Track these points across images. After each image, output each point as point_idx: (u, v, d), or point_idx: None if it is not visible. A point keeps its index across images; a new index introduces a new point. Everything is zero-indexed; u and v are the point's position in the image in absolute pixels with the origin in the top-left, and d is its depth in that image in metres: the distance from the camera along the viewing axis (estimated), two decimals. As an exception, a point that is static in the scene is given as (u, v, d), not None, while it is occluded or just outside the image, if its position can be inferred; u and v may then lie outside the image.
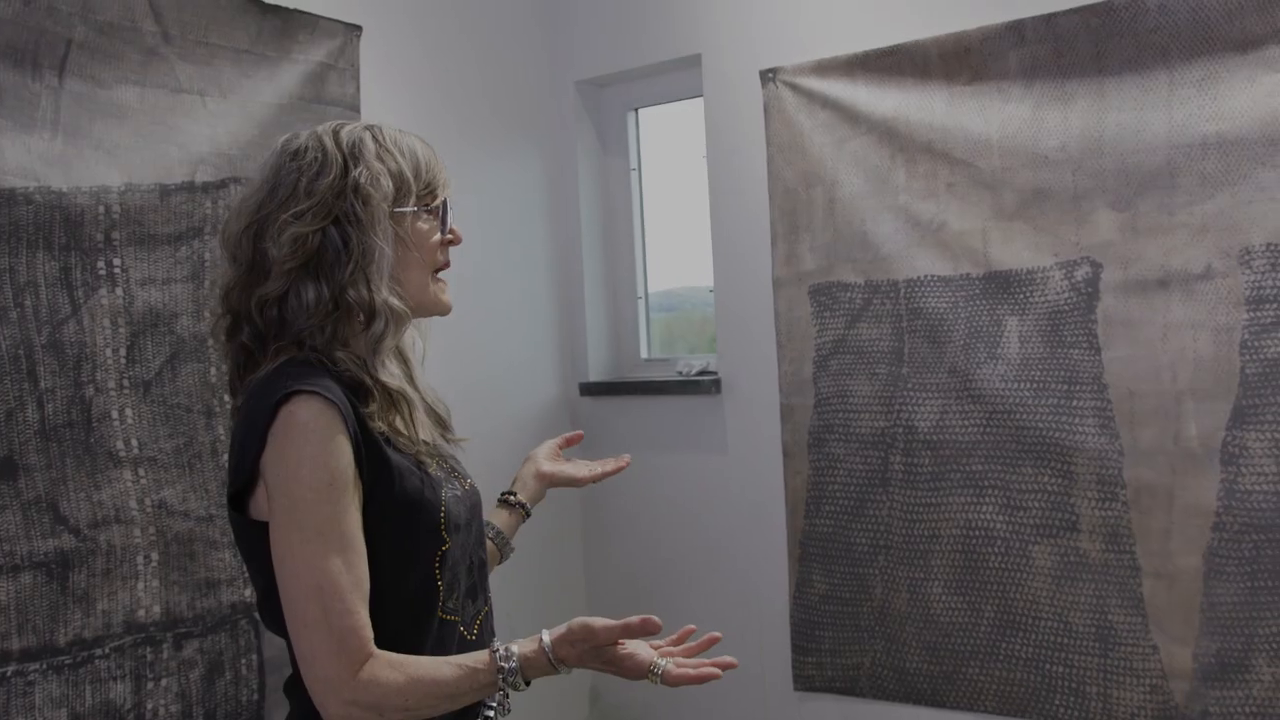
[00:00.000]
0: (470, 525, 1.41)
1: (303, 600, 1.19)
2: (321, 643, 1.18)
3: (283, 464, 1.20)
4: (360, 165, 1.30)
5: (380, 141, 1.33)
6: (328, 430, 1.21)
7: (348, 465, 1.22)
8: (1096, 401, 2.33)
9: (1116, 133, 2.29)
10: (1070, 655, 2.39)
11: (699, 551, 2.98)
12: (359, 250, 1.28)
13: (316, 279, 1.28)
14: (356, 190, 1.28)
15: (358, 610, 1.19)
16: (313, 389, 1.22)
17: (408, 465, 1.30)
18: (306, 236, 1.27)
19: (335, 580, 1.18)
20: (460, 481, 1.42)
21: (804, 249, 2.73)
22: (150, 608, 2.06)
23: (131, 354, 2.06)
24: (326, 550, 1.19)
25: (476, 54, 2.92)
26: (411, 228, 1.35)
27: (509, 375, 3.02)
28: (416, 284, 1.35)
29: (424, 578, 1.31)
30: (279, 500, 1.21)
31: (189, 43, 2.17)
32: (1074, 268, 2.35)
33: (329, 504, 1.19)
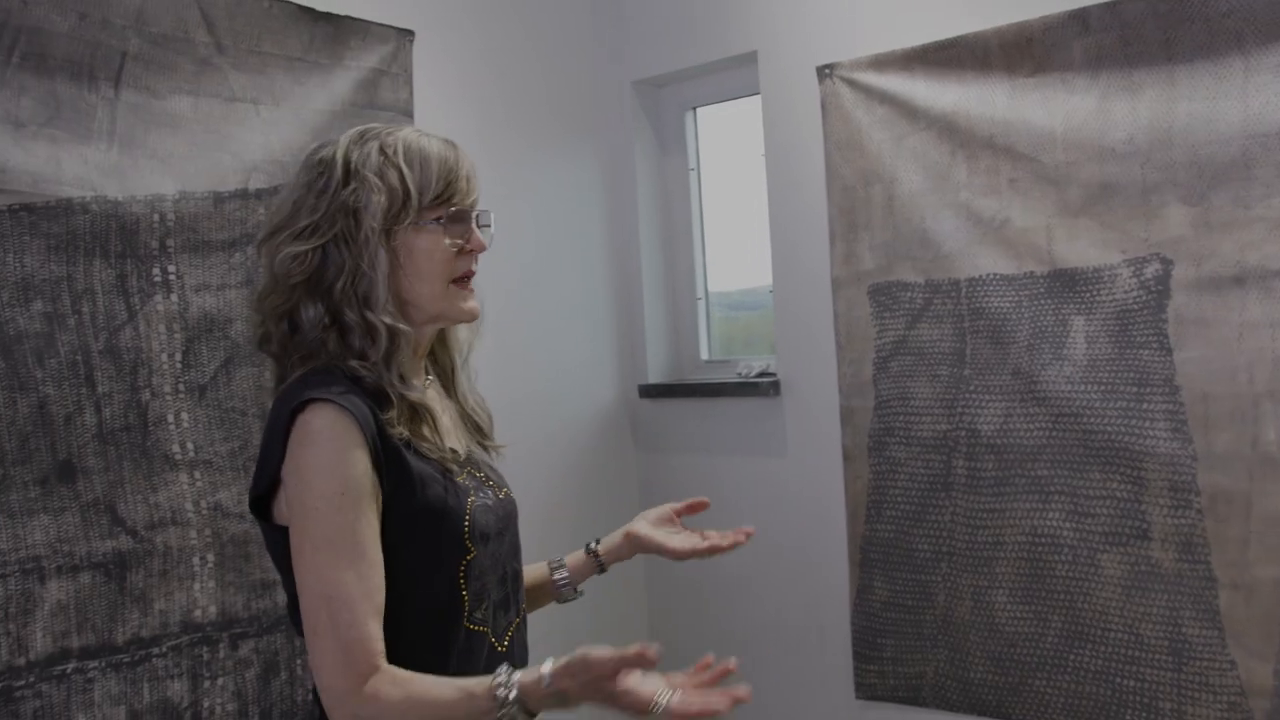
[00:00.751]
0: (503, 535, 1.39)
1: (313, 609, 1.19)
2: (329, 652, 1.18)
3: (297, 473, 1.21)
4: (354, 182, 1.28)
5: (387, 154, 1.30)
6: (341, 439, 1.20)
7: (363, 474, 1.21)
8: (1168, 404, 2.23)
9: (1188, 123, 2.19)
10: (1142, 669, 2.29)
11: (758, 556, 2.92)
12: (351, 270, 1.27)
13: (314, 298, 1.28)
14: (346, 209, 1.27)
15: (366, 622, 1.18)
16: (328, 398, 1.21)
17: (430, 473, 1.29)
18: (306, 255, 1.27)
19: (344, 590, 1.18)
20: (494, 490, 1.40)
21: (863, 248, 2.67)
22: (206, 608, 2.10)
23: (187, 359, 2.10)
24: (337, 560, 1.18)
25: (531, 56, 2.92)
26: (414, 242, 1.31)
27: (567, 377, 3.02)
28: (429, 295, 1.32)
29: (448, 587, 1.29)
30: (294, 508, 1.21)
31: (242, 52, 2.20)
32: (1143, 265, 2.26)
33: (340, 513, 1.19)
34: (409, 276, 1.31)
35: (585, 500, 3.03)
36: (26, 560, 1.87)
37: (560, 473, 2.98)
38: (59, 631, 1.90)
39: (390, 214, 1.28)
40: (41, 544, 1.89)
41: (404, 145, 1.31)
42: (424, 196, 1.30)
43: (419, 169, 1.30)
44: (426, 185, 1.30)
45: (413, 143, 1.32)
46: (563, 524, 2.91)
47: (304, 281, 1.28)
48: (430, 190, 1.30)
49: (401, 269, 1.30)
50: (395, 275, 1.30)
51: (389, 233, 1.29)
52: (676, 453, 3.10)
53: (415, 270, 1.31)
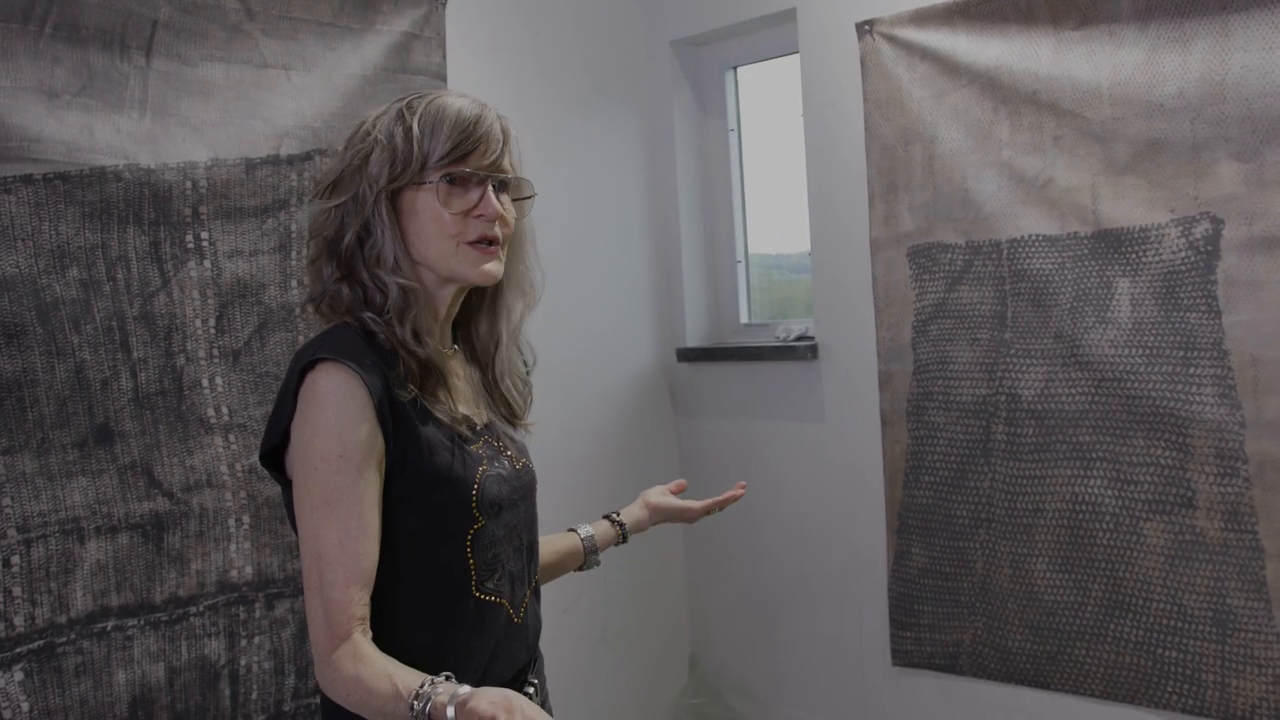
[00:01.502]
0: (518, 506, 1.38)
1: (306, 565, 1.21)
2: (316, 610, 1.20)
3: (300, 431, 1.22)
4: (364, 142, 1.30)
5: (404, 114, 1.30)
6: (346, 402, 1.21)
7: (365, 438, 1.22)
8: (1216, 369, 2.16)
9: (1241, 75, 2.10)
10: (1184, 640, 2.24)
11: (796, 521, 2.92)
12: (359, 228, 1.29)
13: (330, 256, 1.30)
14: (359, 170, 1.29)
15: (349, 585, 1.20)
16: (336, 358, 1.22)
17: (440, 439, 1.29)
18: (326, 214, 1.30)
19: (331, 551, 1.19)
20: (510, 461, 1.39)
21: (902, 209, 2.61)
22: (242, 569, 2.14)
23: (220, 324, 2.12)
24: (329, 520, 1.20)
25: (567, 16, 2.89)
26: (418, 202, 1.30)
27: (605, 341, 3.01)
28: (437, 255, 1.31)
29: (455, 555, 1.30)
30: (296, 465, 1.23)
31: (272, 18, 2.20)
32: (1192, 224, 2.18)
33: (339, 475, 1.20)
34: (415, 235, 1.30)
35: (623, 464, 3.03)
36: (66, 521, 1.91)
37: (598, 437, 2.98)
38: (98, 590, 1.95)
39: (393, 172, 1.28)
40: (80, 505, 1.93)
41: (426, 106, 1.31)
42: (430, 156, 1.29)
43: (430, 128, 1.29)
44: (435, 144, 1.29)
45: (437, 103, 1.31)
46: (601, 488, 2.93)
47: (326, 240, 1.31)
48: (439, 149, 1.29)
49: (408, 227, 1.30)
50: (404, 234, 1.30)
51: (396, 192, 1.29)
52: (714, 417, 3.08)
53: (420, 229, 1.30)
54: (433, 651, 1.28)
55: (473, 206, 1.31)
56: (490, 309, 1.44)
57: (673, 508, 1.75)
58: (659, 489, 1.78)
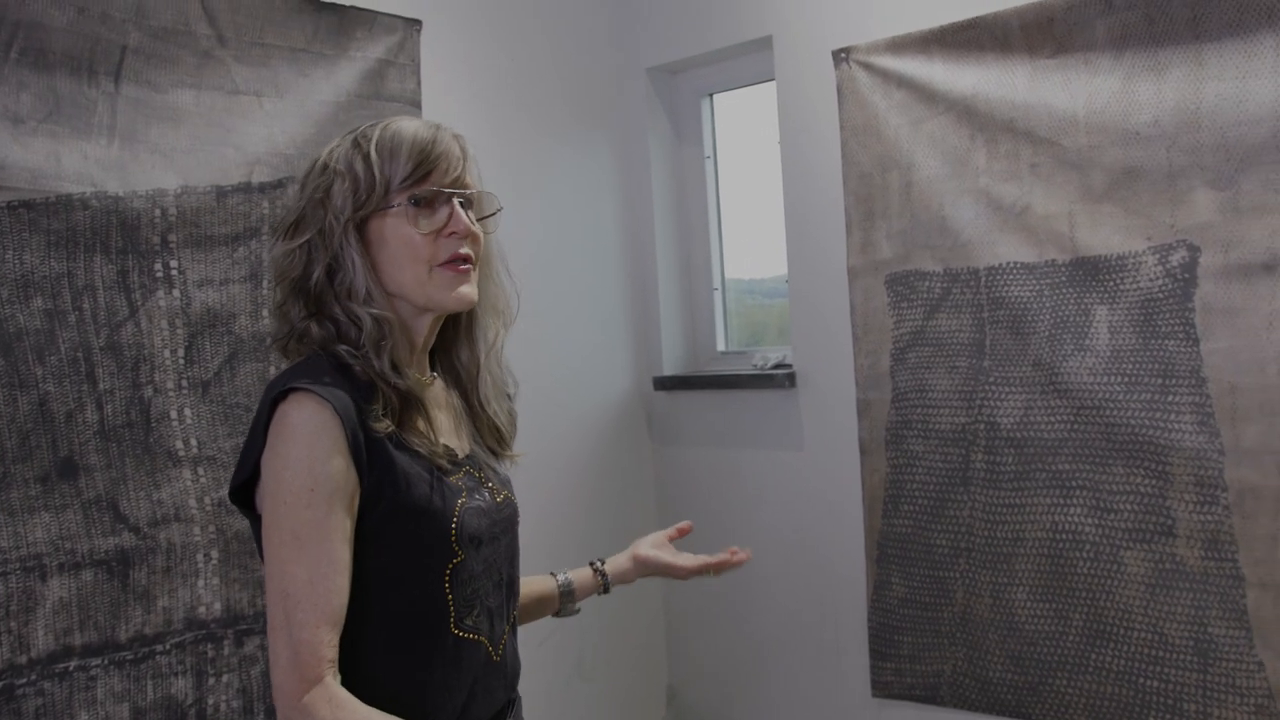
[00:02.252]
0: (498, 540, 1.35)
1: (272, 604, 1.17)
2: (281, 649, 1.15)
3: (271, 464, 1.19)
4: (323, 175, 1.28)
5: (360, 143, 1.28)
6: (317, 434, 1.17)
7: (337, 471, 1.18)
8: (1194, 396, 2.16)
9: (1216, 104, 2.10)
10: (1166, 669, 2.22)
11: (774, 551, 2.89)
12: (327, 263, 1.26)
13: (299, 295, 1.28)
14: (322, 204, 1.27)
15: (318, 626, 1.15)
16: (308, 388, 1.19)
17: (417, 471, 1.26)
18: (292, 253, 1.27)
19: (300, 589, 1.15)
20: (491, 493, 1.36)
21: (880, 236, 2.61)
22: (211, 605, 2.09)
23: (190, 354, 2.08)
24: (298, 557, 1.16)
25: (542, 43, 2.88)
26: (385, 228, 1.28)
27: (581, 369, 2.98)
28: (411, 281, 1.28)
29: (433, 590, 1.26)
30: (266, 500, 1.19)
31: (244, 44, 2.18)
32: (1169, 252, 2.18)
33: (309, 509, 1.16)
34: (387, 264, 1.28)
35: (600, 493, 3.00)
36: (28, 558, 1.86)
37: (574, 465, 2.95)
38: (61, 629, 1.89)
39: (357, 201, 1.26)
40: (43, 541, 1.88)
41: (381, 132, 1.29)
42: (393, 180, 1.27)
43: (388, 153, 1.27)
44: (395, 168, 1.27)
45: (391, 129, 1.29)
46: (577, 517, 2.89)
47: (294, 280, 1.28)
48: (400, 172, 1.27)
49: (379, 257, 1.28)
50: (375, 264, 1.28)
51: (362, 222, 1.27)
52: (691, 445, 3.06)
53: (391, 257, 1.28)
54: (409, 690, 1.24)
55: (442, 225, 1.28)
56: (468, 334, 1.42)
57: (662, 564, 1.68)
58: (653, 538, 1.71)
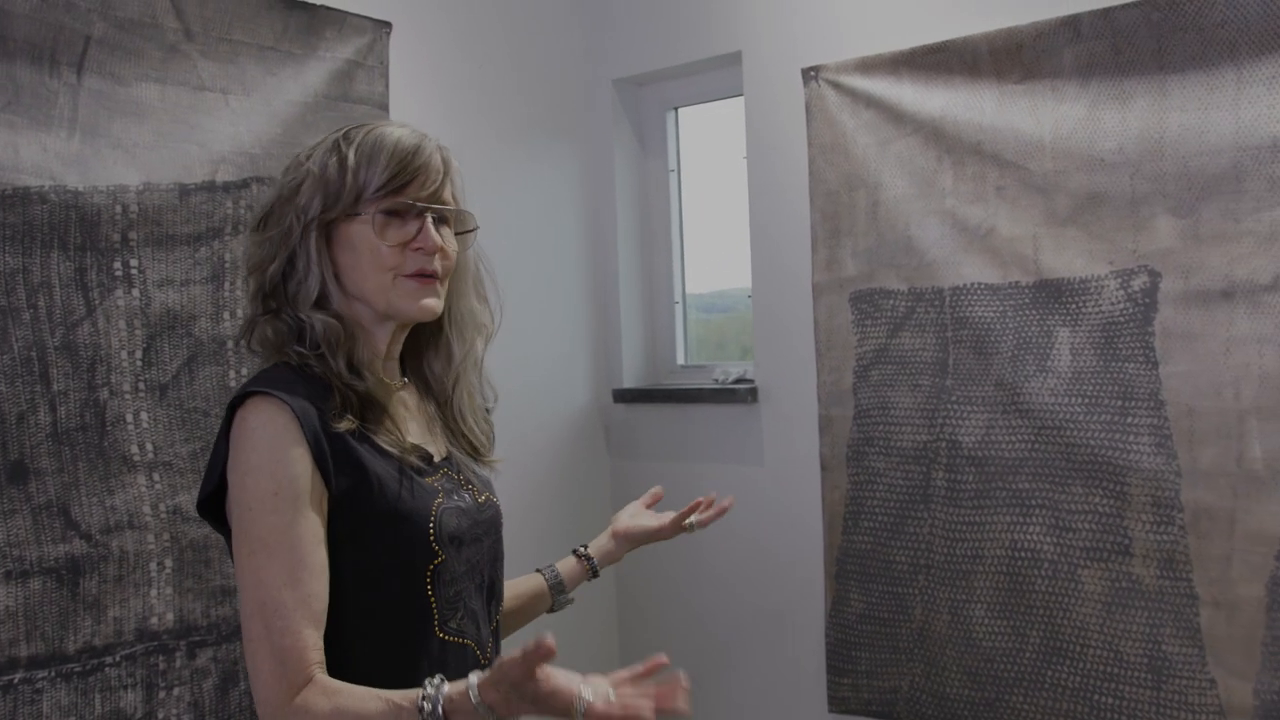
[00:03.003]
0: (480, 541, 1.33)
1: (248, 615, 1.14)
2: (263, 661, 1.12)
3: (234, 472, 1.16)
4: (299, 172, 1.26)
5: (340, 145, 1.26)
6: (277, 437, 1.15)
7: (300, 474, 1.15)
8: (1153, 419, 2.20)
9: (1179, 134, 2.16)
10: (1121, 686, 2.26)
11: (733, 566, 2.89)
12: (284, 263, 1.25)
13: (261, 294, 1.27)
14: (289, 202, 1.25)
15: (300, 630, 1.12)
16: (266, 391, 1.17)
17: (388, 471, 1.23)
18: (261, 245, 1.26)
19: (278, 596, 1.12)
20: (472, 494, 1.34)
21: (845, 254, 2.63)
22: (163, 615, 2.02)
23: (148, 356, 2.02)
24: (271, 564, 1.13)
25: (511, 51, 2.86)
26: (350, 231, 1.25)
27: (541, 381, 2.95)
28: (373, 289, 1.26)
29: (414, 593, 1.24)
30: (232, 509, 1.17)
31: (211, 39, 2.12)
32: (1131, 277, 2.23)
33: (276, 514, 1.13)
34: (351, 268, 1.26)
35: (557, 506, 2.97)
36: (-26, 565, 1.78)
37: (531, 478, 2.92)
38: (6, 640, 1.81)
39: (325, 203, 1.24)
40: (-10, 548, 1.80)
41: (364, 136, 1.26)
42: (366, 187, 1.24)
43: (366, 158, 1.24)
44: (371, 176, 1.24)
45: (375, 133, 1.27)
46: (533, 530, 2.85)
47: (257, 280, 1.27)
48: (375, 180, 1.24)
49: (343, 259, 1.26)
50: (339, 267, 1.25)
51: (329, 224, 1.25)
52: (650, 460, 3.05)
53: (355, 263, 1.25)
54: None
55: (411, 238, 1.26)
56: (441, 346, 1.39)
57: (642, 530, 1.66)
58: (628, 510, 1.70)
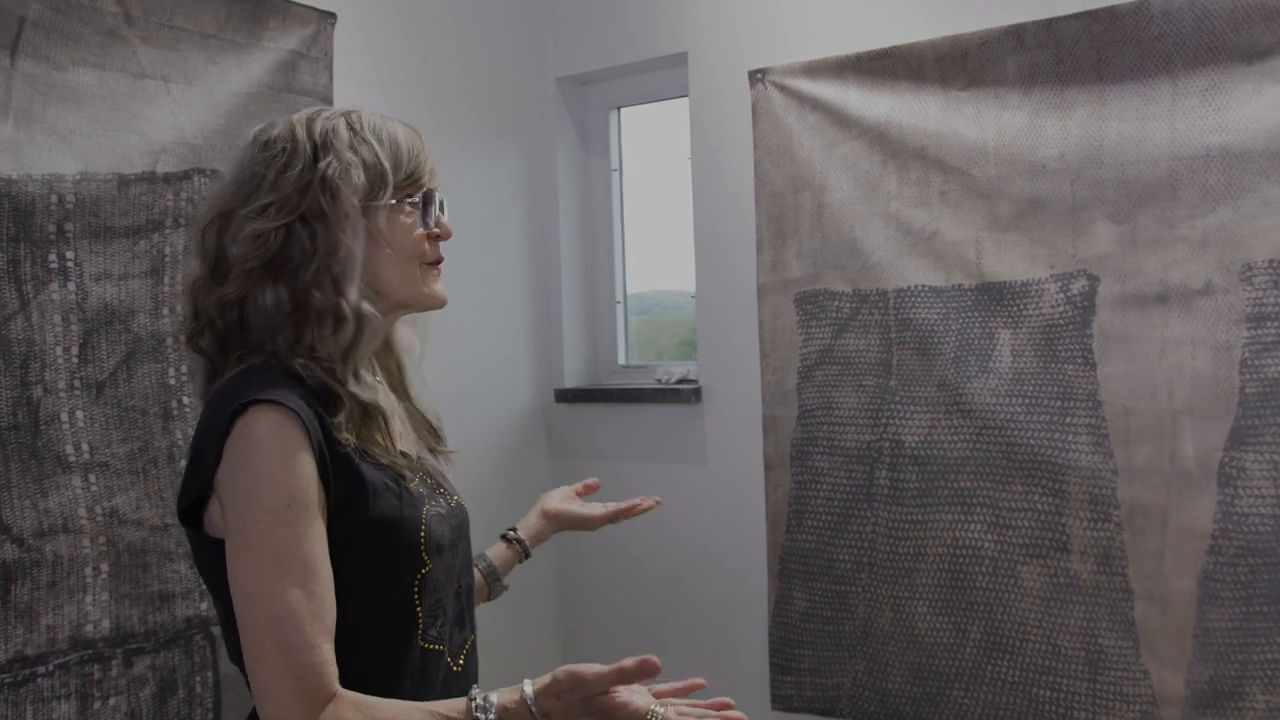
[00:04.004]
0: (456, 546, 1.31)
1: (259, 632, 1.08)
2: (279, 680, 1.07)
3: (238, 482, 1.10)
4: (329, 156, 1.20)
5: (356, 129, 1.23)
6: (286, 445, 1.10)
7: (309, 484, 1.12)
8: (1090, 419, 2.27)
9: (1117, 142, 2.23)
10: (1058, 679, 2.32)
11: (676, 566, 2.89)
12: (325, 249, 1.18)
13: (277, 280, 1.18)
14: (324, 184, 1.19)
15: (319, 645, 1.09)
16: (271, 399, 1.12)
17: (383, 481, 1.20)
18: (269, 234, 1.18)
19: (293, 611, 1.08)
20: (445, 498, 1.33)
21: (790, 255, 2.65)
22: (99, 622, 1.94)
23: (84, 353, 1.94)
24: (284, 578, 1.08)
25: (455, 47, 2.82)
26: (389, 222, 1.24)
27: (482, 381, 2.92)
28: (400, 279, 1.26)
29: (402, 603, 1.21)
30: (233, 521, 1.10)
31: (153, 25, 2.05)
32: (1070, 280, 2.29)
33: (286, 526, 1.09)
34: (381, 259, 1.23)
35: (499, 507, 2.92)
36: (-102, 571, 1.69)
37: (473, 478, 2.86)
38: (-66, 650, 1.72)
39: (369, 191, 1.21)
40: (-84, 553, 1.71)
41: (371, 123, 1.25)
42: (397, 174, 1.24)
43: (390, 147, 1.24)
44: (399, 164, 1.24)
45: (378, 122, 1.26)
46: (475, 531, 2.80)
47: (263, 265, 1.18)
48: (402, 169, 1.24)
49: (374, 251, 1.23)
50: (369, 257, 1.22)
51: (364, 211, 1.21)
52: (593, 459, 3.03)
53: (388, 254, 1.24)
54: None
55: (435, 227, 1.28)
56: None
57: (573, 515, 1.68)
58: (560, 492, 1.71)
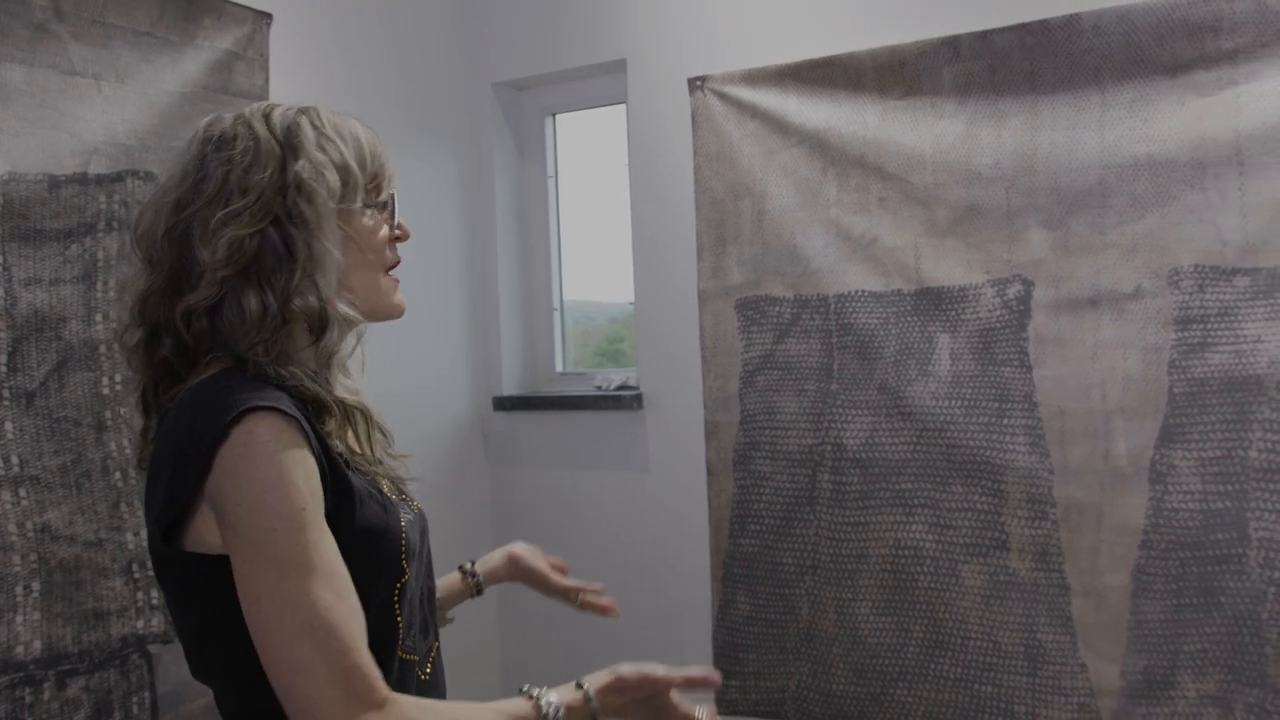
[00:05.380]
0: (422, 553, 1.29)
1: (290, 644, 1.02)
2: (323, 689, 1.01)
3: (243, 492, 1.04)
4: (301, 157, 1.15)
5: (319, 128, 1.18)
6: (292, 450, 1.06)
7: (318, 488, 1.07)
8: (1027, 420, 2.33)
9: (1049, 151, 2.30)
10: (999, 675, 2.37)
11: (619, 573, 2.87)
12: (305, 254, 1.14)
13: (259, 286, 1.13)
14: (300, 186, 1.14)
15: (359, 646, 1.04)
16: (270, 405, 1.07)
17: (367, 489, 1.17)
18: (243, 239, 1.12)
19: (327, 615, 1.02)
20: (409, 504, 1.30)
21: (731, 261, 2.67)
22: (30, 643, 1.85)
23: (13, 362, 1.85)
24: (311, 582, 1.03)
25: (391, 50, 2.78)
26: (359, 225, 1.21)
27: (419, 388, 2.87)
28: (368, 286, 1.21)
29: (386, 614, 1.17)
30: (244, 535, 1.04)
31: (83, 21, 1.98)
32: (1006, 285, 2.35)
33: (305, 531, 1.04)
34: (352, 264, 1.20)
35: (438, 517, 2.85)
36: None
37: (412, 489, 2.83)
38: None
39: (341, 193, 1.17)
40: None
41: (331, 121, 1.20)
42: (364, 175, 1.20)
43: (353, 146, 1.20)
44: (364, 164, 1.20)
45: (338, 121, 1.22)
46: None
47: (240, 272, 1.12)
48: (368, 169, 1.21)
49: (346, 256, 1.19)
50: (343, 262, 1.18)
51: (339, 214, 1.18)
52: (532, 468, 3.01)
53: (358, 258, 1.20)
54: None
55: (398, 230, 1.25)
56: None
57: (538, 572, 1.65)
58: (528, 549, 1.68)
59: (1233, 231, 2.14)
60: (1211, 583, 2.16)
